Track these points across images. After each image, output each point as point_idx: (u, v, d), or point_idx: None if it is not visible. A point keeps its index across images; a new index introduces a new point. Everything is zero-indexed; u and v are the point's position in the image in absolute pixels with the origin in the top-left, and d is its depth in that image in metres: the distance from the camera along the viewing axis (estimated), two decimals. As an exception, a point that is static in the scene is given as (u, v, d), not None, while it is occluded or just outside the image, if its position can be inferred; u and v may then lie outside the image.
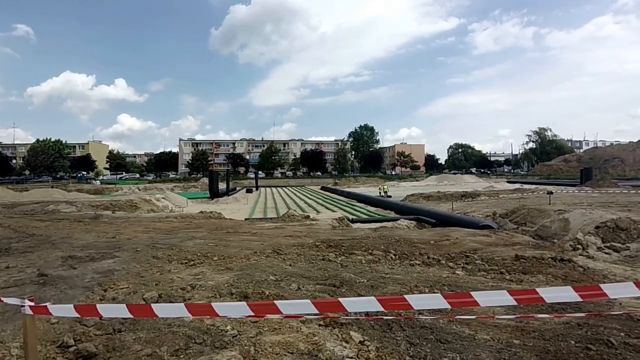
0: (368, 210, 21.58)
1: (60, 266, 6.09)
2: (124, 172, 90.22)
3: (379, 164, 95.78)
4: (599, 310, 3.98)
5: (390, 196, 28.74)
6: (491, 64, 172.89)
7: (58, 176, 76.13)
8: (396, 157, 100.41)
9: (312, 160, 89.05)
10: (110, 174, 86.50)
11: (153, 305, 2.48)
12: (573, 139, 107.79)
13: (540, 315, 3.64)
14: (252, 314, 2.27)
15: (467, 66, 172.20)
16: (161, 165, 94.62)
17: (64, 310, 2.69)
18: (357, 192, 34.44)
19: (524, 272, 6.13)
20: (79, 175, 75.51)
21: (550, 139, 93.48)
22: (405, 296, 2.15)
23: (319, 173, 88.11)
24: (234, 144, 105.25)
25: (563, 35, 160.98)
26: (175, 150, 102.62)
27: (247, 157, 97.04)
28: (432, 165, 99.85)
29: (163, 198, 26.14)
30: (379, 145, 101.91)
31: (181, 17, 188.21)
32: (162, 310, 2.53)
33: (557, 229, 10.70)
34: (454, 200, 21.50)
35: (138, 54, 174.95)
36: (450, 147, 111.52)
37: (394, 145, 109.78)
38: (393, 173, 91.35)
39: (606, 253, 8.58)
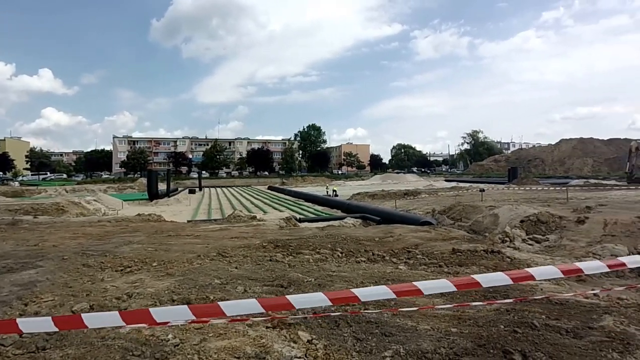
0: (315, 210, 21.77)
1: (-32, 280, 5.32)
2: (48, 172, 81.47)
3: (326, 163, 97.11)
4: (523, 296, 4.38)
5: (337, 195, 29.27)
6: (430, 70, 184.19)
7: (-34, 177, 66.75)
8: (343, 156, 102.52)
9: (259, 160, 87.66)
10: (32, 174, 77.57)
11: (83, 315, 2.25)
12: (502, 141, 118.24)
13: (474, 304, 3.91)
14: (194, 318, 2.15)
15: (409, 71, 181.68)
16: (92, 164, 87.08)
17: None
18: (305, 192, 34.59)
19: (460, 264, 6.58)
20: (-9, 175, 66.86)
21: (482, 140, 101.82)
22: (353, 289, 2.18)
23: (266, 173, 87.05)
24: (175, 142, 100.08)
25: (493, 46, 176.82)
26: (108, 148, 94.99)
27: (190, 156, 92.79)
28: (376, 164, 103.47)
29: (95, 200, 24.05)
30: (326, 145, 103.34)
31: (118, 4, 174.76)
32: (93, 320, 2.30)
33: (488, 224, 11.65)
34: (397, 199, 22.47)
35: (67, 43, 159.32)
36: (394, 147, 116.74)
37: (341, 145, 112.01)
38: (340, 172, 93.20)
39: (529, 244, 9.51)
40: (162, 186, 34.61)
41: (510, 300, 4.03)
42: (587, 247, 8.64)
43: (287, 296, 2.15)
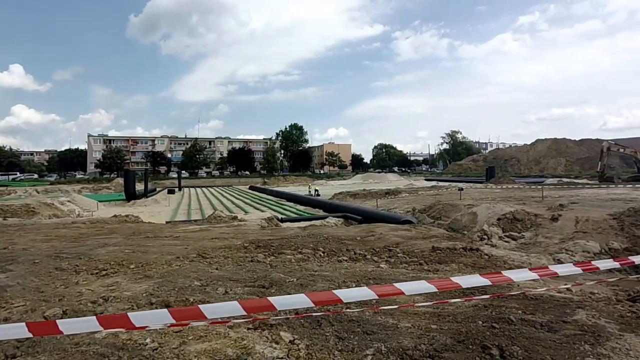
0: (297, 209, 21.70)
1: None
2: (18, 173, 78.02)
3: (308, 163, 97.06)
4: (500, 292, 4.49)
5: (319, 195, 29.29)
6: (411, 71, 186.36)
7: None
8: (325, 156, 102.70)
9: (240, 159, 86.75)
10: (1, 175, 74.11)
11: (58, 321, 2.15)
12: (480, 141, 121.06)
13: (453, 300, 3.99)
14: (174, 321, 2.10)
15: (390, 71, 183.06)
16: (66, 164, 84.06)
17: None
18: (287, 192, 34.44)
19: (440, 262, 6.70)
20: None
21: (461, 140, 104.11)
22: (335, 291, 2.18)
23: (247, 172, 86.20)
24: (153, 141, 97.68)
25: (472, 48, 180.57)
26: (83, 147, 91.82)
27: (169, 155, 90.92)
28: (358, 164, 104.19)
29: (68, 201, 23.16)
30: (308, 145, 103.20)
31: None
32: (69, 325, 2.21)
33: (466, 222, 11.90)
34: (378, 198, 22.65)
35: (39, 37, 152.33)
36: (375, 147, 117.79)
37: (323, 145, 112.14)
38: (322, 172, 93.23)
39: (506, 241, 9.78)
40: (139, 186, 33.73)
41: (488, 296, 4.13)
42: (560, 243, 8.96)
43: (268, 298, 2.13)
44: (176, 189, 45.12)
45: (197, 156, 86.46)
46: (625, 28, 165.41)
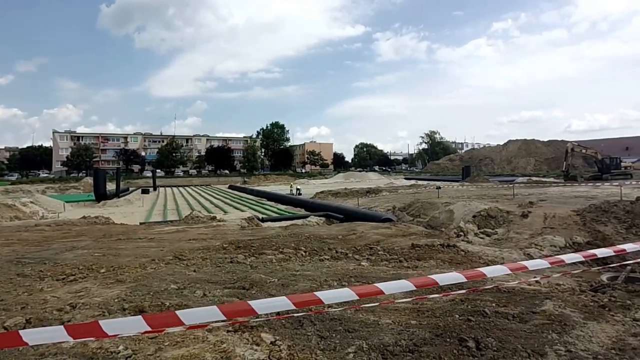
0: (279, 209, 21.56)
1: None
2: (-23, 173, 73.72)
3: (290, 161, 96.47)
4: (476, 287, 4.60)
5: (301, 194, 29.22)
6: (392, 71, 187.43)
7: None
8: (306, 155, 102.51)
9: (219, 158, 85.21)
10: (-43, 175, 69.73)
11: (21, 332, 2.02)
12: (456, 141, 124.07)
13: (431, 296, 4.05)
14: (149, 328, 2.01)
15: (371, 72, 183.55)
16: (29, 162, 79.57)
17: None
18: (268, 191, 34.16)
19: (419, 258, 6.81)
20: None
21: (439, 140, 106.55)
22: (316, 292, 2.16)
23: (227, 171, 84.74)
24: (126, 138, 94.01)
25: (449, 51, 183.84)
26: (48, 144, 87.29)
27: (143, 153, 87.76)
28: (339, 163, 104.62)
29: (31, 202, 22.01)
30: (289, 143, 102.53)
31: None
32: (33, 336, 2.08)
33: (444, 219, 12.16)
34: (359, 197, 22.82)
35: (0, 25, 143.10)
36: (356, 146, 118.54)
37: (304, 144, 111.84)
38: (303, 171, 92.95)
39: (481, 237, 10.06)
40: (111, 186, 32.59)
41: (464, 291, 4.22)
42: (530, 238, 9.29)
43: (249, 301, 2.08)
44: (151, 189, 43.86)
45: (174, 154, 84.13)
46: (588, 37, 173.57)
